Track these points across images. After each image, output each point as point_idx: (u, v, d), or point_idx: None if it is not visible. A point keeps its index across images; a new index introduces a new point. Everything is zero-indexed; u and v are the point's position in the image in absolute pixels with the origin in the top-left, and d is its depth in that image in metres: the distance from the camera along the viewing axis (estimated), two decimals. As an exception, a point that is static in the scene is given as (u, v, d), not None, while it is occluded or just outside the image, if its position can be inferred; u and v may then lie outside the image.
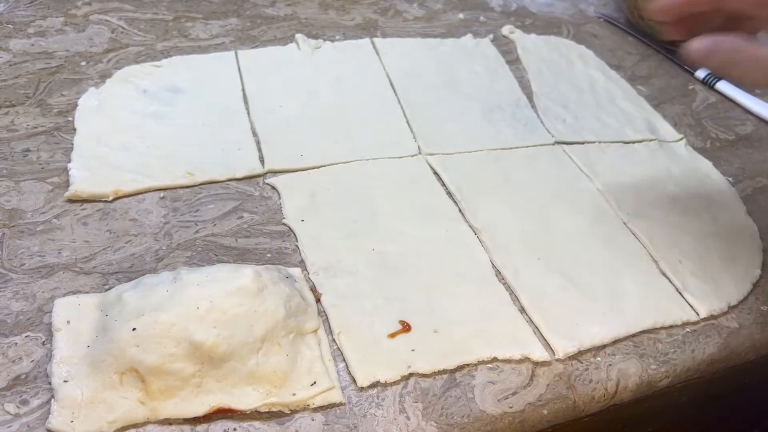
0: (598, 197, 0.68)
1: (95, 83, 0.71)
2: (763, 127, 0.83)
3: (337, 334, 0.52)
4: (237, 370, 0.46)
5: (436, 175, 0.68)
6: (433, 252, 0.59)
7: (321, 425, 0.47)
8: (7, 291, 0.51)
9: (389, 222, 0.62)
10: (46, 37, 0.77)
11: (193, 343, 0.45)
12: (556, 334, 0.54)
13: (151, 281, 0.49)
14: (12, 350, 0.48)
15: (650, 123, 0.80)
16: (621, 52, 0.93)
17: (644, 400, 0.55)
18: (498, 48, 0.88)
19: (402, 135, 0.72)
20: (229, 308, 0.46)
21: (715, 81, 0.88)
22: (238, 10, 0.86)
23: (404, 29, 0.89)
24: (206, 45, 0.80)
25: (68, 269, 0.54)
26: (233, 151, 0.66)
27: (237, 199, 0.62)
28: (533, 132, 0.75)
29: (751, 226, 0.68)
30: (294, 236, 0.59)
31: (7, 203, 0.58)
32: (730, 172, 0.75)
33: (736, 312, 0.60)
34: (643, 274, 0.61)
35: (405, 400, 0.49)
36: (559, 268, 0.60)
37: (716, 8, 0.48)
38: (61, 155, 0.63)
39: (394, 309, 0.54)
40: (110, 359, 0.45)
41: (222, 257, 0.57)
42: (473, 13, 0.95)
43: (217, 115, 0.70)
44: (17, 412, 0.44)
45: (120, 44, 0.78)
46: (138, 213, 0.59)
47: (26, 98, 0.68)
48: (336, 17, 0.89)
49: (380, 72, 0.80)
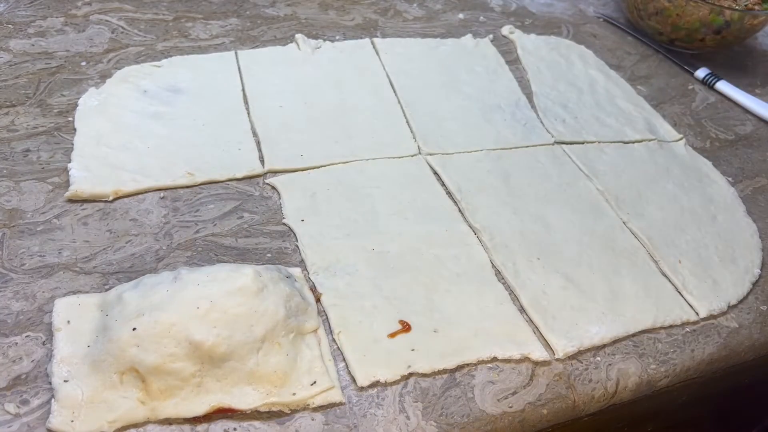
0: (598, 197, 0.68)
1: (95, 83, 0.71)
2: (762, 127, 0.84)
3: (337, 333, 0.52)
4: (237, 370, 0.46)
5: (435, 175, 0.68)
6: (433, 252, 0.59)
7: (321, 425, 0.47)
8: (7, 291, 0.51)
9: (389, 222, 0.62)
10: (47, 37, 0.77)
11: (193, 342, 0.45)
12: (555, 334, 0.54)
13: (152, 281, 0.49)
14: (12, 350, 0.48)
15: (650, 123, 0.80)
16: (621, 52, 0.93)
17: (644, 399, 0.55)
18: (498, 48, 0.88)
19: (402, 135, 0.72)
20: (230, 308, 0.46)
21: (715, 81, 0.88)
22: (238, 11, 0.86)
23: (404, 29, 0.89)
24: (206, 45, 0.80)
25: (68, 269, 0.54)
26: (233, 151, 0.66)
27: (237, 199, 0.62)
28: (533, 132, 0.75)
29: (751, 226, 0.69)
30: (294, 236, 0.59)
31: (7, 203, 0.58)
32: (729, 172, 0.75)
33: (735, 312, 0.60)
34: (642, 273, 0.61)
35: (405, 399, 0.49)
36: (558, 268, 0.60)
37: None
38: (62, 155, 0.63)
39: (393, 309, 0.54)
40: (110, 359, 0.45)
41: (222, 257, 0.57)
42: (473, 13, 0.95)
43: (217, 115, 0.70)
44: (17, 411, 0.44)
45: (120, 44, 0.78)
46: (138, 213, 0.59)
47: (26, 98, 0.68)
48: (336, 17, 0.89)
49: (380, 72, 0.80)
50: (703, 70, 0.89)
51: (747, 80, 0.91)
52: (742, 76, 0.92)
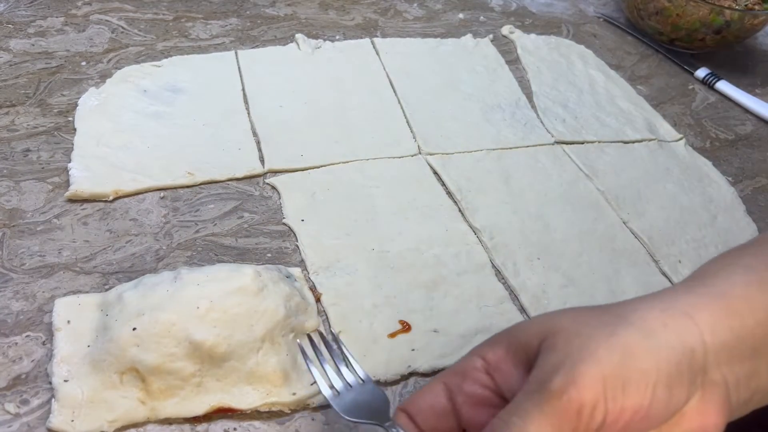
0: (598, 197, 0.68)
1: (95, 83, 0.71)
2: (762, 127, 0.84)
3: (337, 333, 0.52)
4: (237, 370, 0.46)
5: (436, 175, 0.68)
6: (433, 252, 0.59)
7: (321, 425, 0.47)
8: (7, 291, 0.51)
9: (389, 221, 0.62)
10: (47, 37, 0.77)
11: (194, 342, 0.45)
12: (555, 334, 0.54)
13: (152, 281, 0.49)
14: (12, 350, 0.48)
15: (650, 123, 0.80)
16: (621, 51, 0.93)
17: (644, 399, 0.55)
18: (498, 48, 0.88)
19: (402, 135, 0.72)
20: (229, 308, 0.46)
21: (715, 80, 0.88)
22: (238, 10, 0.86)
23: (404, 29, 0.89)
24: (206, 45, 0.80)
25: (68, 269, 0.54)
26: (233, 151, 0.66)
27: (237, 198, 0.62)
28: (533, 132, 0.75)
29: (751, 226, 0.68)
30: (294, 236, 0.59)
31: (7, 203, 0.58)
32: (729, 172, 0.75)
33: (735, 311, 0.60)
34: (642, 273, 0.61)
35: (405, 399, 0.49)
36: (558, 268, 0.60)
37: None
38: (62, 155, 0.63)
39: (393, 309, 0.54)
40: (110, 359, 0.45)
41: (222, 257, 0.57)
42: (473, 13, 0.95)
43: (217, 115, 0.70)
44: (17, 411, 0.44)
45: (120, 44, 0.78)
46: (138, 213, 0.59)
47: (26, 98, 0.68)
48: (336, 17, 0.89)
49: (380, 72, 0.80)
50: (703, 70, 0.89)
51: (747, 80, 0.91)
52: (742, 76, 0.92)
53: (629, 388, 0.31)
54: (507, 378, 0.36)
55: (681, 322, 0.34)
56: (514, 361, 0.36)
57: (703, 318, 0.34)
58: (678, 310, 0.34)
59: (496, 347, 0.36)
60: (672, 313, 0.34)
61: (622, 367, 0.32)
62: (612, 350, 0.32)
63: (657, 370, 0.32)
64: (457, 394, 0.37)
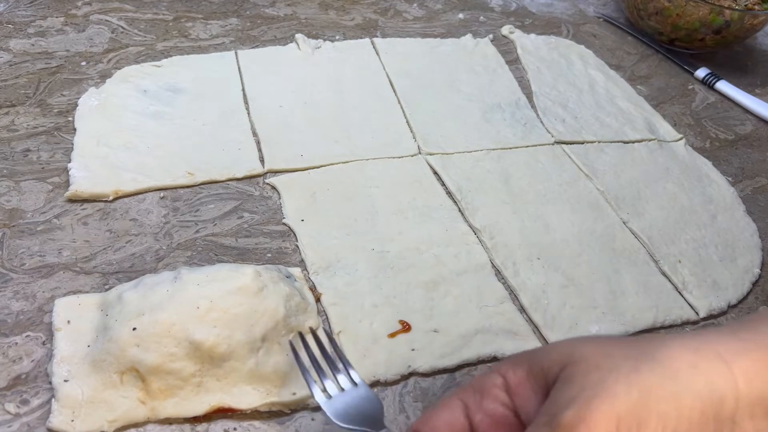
0: (598, 197, 0.68)
1: (95, 83, 0.71)
2: (762, 127, 0.84)
3: (337, 333, 0.52)
4: (237, 370, 0.46)
5: (435, 175, 0.68)
6: (433, 251, 0.59)
7: (321, 425, 0.47)
8: (7, 291, 0.51)
9: (389, 221, 0.62)
10: (47, 37, 0.77)
11: (194, 342, 0.45)
12: (555, 334, 0.54)
13: (152, 281, 0.49)
14: (12, 350, 0.48)
15: (650, 123, 0.80)
16: (621, 52, 0.93)
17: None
18: (498, 48, 0.88)
19: (402, 135, 0.72)
20: (230, 308, 0.46)
21: (715, 81, 0.88)
22: (238, 10, 0.86)
23: (404, 29, 0.89)
24: (206, 45, 0.80)
25: (68, 269, 0.54)
26: (233, 151, 0.66)
27: (237, 198, 0.62)
28: (533, 132, 0.75)
29: (751, 226, 0.68)
30: (294, 236, 0.59)
31: (7, 203, 0.58)
32: (729, 172, 0.75)
33: (735, 311, 0.60)
34: (642, 273, 0.61)
35: (405, 399, 0.49)
36: (558, 268, 0.60)
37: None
38: (62, 155, 0.63)
39: (393, 309, 0.54)
40: (110, 359, 0.45)
41: (222, 257, 0.57)
42: (473, 13, 0.95)
43: (217, 115, 0.70)
44: (17, 411, 0.45)
45: (120, 44, 0.78)
46: (138, 213, 0.59)
47: (26, 98, 0.69)
48: (336, 17, 0.89)
49: (380, 72, 0.80)
50: (703, 70, 0.89)
51: (747, 80, 0.91)
52: (742, 76, 0.92)
53: (645, 431, 0.30)
54: (525, 402, 0.34)
55: (713, 365, 0.31)
56: (533, 386, 0.34)
57: (742, 365, 0.31)
58: (713, 352, 0.32)
59: (517, 369, 0.35)
60: (705, 354, 0.32)
61: (639, 407, 0.30)
62: (631, 387, 0.30)
63: (678, 414, 0.30)
64: (476, 412, 0.35)
